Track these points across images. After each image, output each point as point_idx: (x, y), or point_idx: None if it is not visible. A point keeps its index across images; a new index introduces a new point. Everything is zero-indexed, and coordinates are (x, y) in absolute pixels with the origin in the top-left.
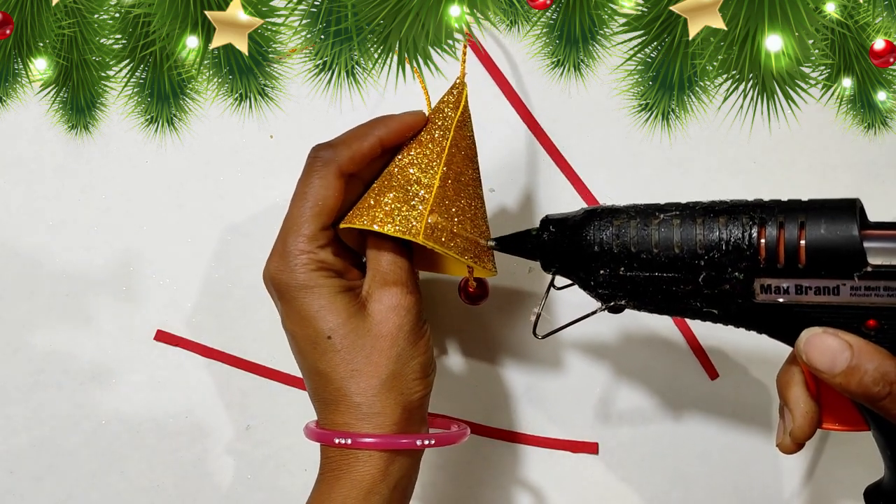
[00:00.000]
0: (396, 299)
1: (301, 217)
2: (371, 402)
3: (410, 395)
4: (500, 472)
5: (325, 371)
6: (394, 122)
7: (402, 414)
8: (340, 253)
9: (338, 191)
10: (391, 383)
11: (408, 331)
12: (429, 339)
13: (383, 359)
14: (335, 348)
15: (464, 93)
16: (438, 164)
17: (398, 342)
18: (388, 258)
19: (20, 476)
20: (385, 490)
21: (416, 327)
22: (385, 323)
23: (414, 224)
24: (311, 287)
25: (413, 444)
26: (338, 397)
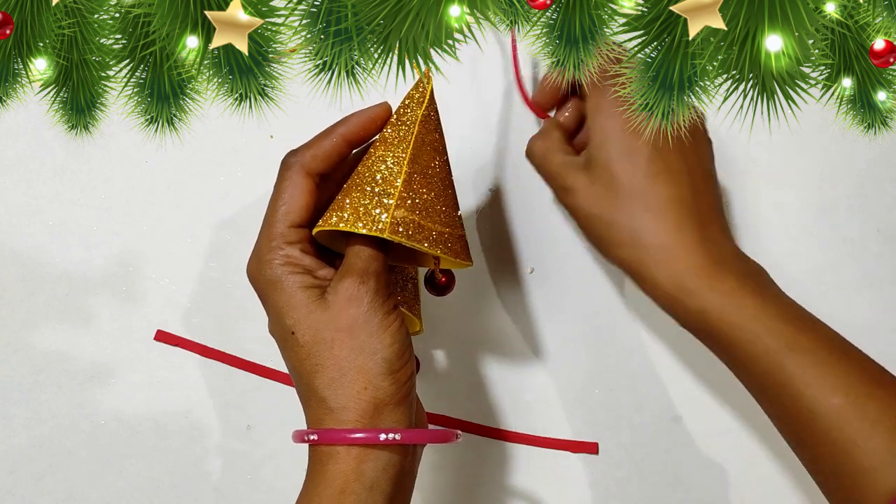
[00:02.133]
0: (352, 290)
1: (271, 217)
2: (335, 396)
3: (377, 391)
4: (500, 472)
5: (294, 367)
6: (355, 118)
7: (369, 409)
8: (313, 251)
9: (304, 190)
10: (354, 377)
11: (364, 322)
12: (397, 333)
13: (343, 351)
14: (299, 343)
15: (429, 88)
16: (403, 159)
17: (357, 334)
18: (353, 251)
19: (20, 476)
20: (360, 489)
21: (377, 319)
22: (342, 315)
23: (380, 220)
24: (276, 283)
25: (375, 438)
26: (308, 393)
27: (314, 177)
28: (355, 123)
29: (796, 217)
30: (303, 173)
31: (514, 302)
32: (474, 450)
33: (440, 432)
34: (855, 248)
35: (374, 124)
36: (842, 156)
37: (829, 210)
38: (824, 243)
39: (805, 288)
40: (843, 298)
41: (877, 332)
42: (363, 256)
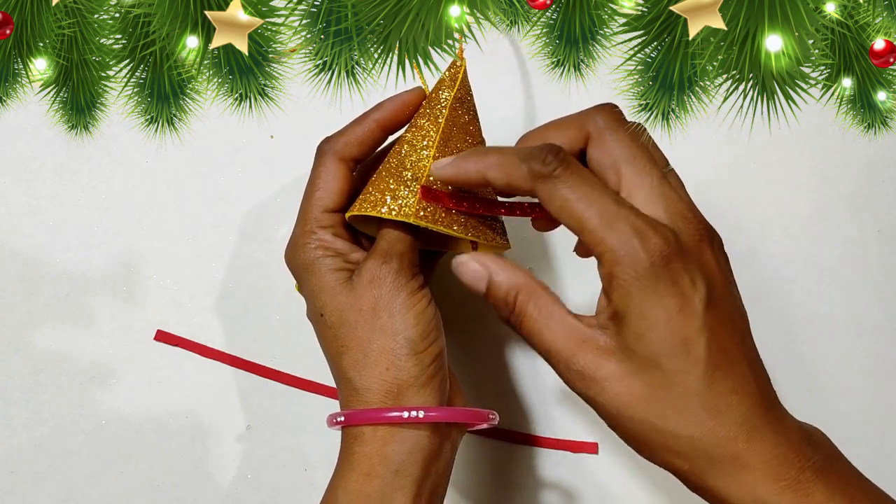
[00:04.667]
0: (374, 270)
1: (306, 203)
2: (360, 377)
3: (400, 372)
4: (500, 471)
5: (325, 349)
6: (388, 103)
7: (393, 390)
8: (347, 236)
9: (337, 175)
10: (377, 357)
11: (387, 303)
12: (422, 313)
13: (366, 332)
14: (327, 325)
15: (461, 70)
16: (433, 143)
17: (379, 315)
18: (380, 234)
19: (20, 476)
20: (385, 472)
21: (399, 299)
22: (365, 296)
23: (406, 205)
24: (309, 266)
25: (397, 417)
26: (337, 375)
27: (348, 162)
28: (389, 109)
29: (796, 217)
30: (336, 159)
31: None
32: (474, 450)
33: (469, 411)
34: (855, 249)
35: (408, 109)
36: (842, 156)
37: (829, 210)
38: (824, 243)
39: (805, 288)
40: (844, 298)
41: (877, 332)
42: (388, 238)
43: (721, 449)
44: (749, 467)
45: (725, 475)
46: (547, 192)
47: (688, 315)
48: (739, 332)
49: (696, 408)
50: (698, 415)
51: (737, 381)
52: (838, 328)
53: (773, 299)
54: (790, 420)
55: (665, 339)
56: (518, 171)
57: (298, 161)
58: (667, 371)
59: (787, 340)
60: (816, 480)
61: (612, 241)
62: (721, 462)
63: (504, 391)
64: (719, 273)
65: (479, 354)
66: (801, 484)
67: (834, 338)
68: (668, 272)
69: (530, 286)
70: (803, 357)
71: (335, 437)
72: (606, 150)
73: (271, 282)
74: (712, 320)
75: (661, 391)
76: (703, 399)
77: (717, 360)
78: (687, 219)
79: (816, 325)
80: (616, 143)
